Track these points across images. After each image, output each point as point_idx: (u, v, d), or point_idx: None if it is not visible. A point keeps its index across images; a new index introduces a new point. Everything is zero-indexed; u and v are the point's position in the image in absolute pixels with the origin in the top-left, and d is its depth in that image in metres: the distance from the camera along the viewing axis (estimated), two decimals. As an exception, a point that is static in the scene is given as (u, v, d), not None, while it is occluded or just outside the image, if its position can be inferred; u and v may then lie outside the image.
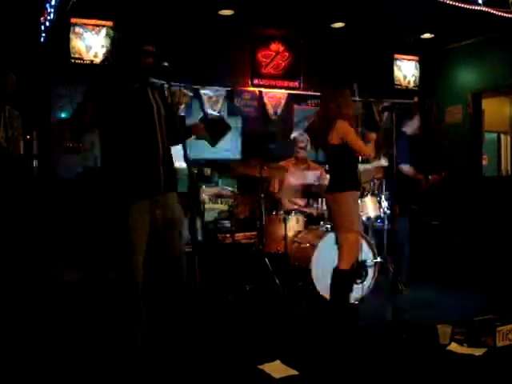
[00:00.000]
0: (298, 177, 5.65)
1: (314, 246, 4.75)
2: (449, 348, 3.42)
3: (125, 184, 3.04)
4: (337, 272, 3.97)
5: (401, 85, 8.22)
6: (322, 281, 4.47)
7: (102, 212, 3.27)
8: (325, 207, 5.13)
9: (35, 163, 5.38)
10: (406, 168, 5.17)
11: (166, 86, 3.09)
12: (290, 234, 5.08)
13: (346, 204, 4.00)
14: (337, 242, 4.09)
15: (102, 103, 3.02)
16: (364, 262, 4.69)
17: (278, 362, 3.17)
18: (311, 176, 5.67)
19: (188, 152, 2.90)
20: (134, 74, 3.09)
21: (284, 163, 5.67)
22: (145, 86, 3.10)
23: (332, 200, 4.13)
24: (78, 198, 5.93)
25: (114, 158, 3.08)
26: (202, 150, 6.80)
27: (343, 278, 3.95)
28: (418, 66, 8.35)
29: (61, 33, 6.19)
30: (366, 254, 4.76)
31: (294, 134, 6.02)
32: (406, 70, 8.28)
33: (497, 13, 6.08)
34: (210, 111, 6.96)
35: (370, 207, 5.07)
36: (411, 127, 5.39)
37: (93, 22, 6.33)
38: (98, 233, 5.26)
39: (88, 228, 5.67)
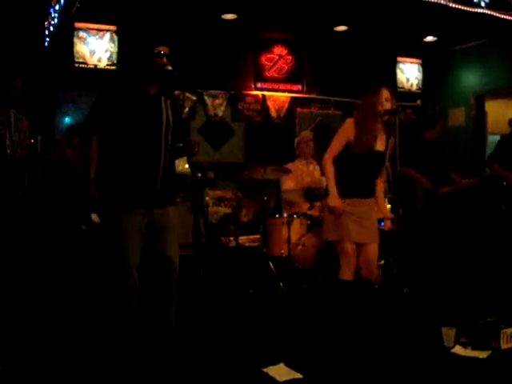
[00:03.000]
0: (307, 176, 5.67)
1: (317, 249, 4.75)
2: (453, 351, 3.41)
3: (120, 191, 3.04)
4: (336, 282, 3.86)
5: (404, 88, 8.23)
6: (326, 284, 4.48)
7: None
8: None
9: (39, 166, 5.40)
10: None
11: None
12: (294, 237, 5.08)
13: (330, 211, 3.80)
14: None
15: (112, 109, 3.01)
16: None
17: (282, 365, 3.16)
18: (319, 174, 5.72)
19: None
20: (147, 78, 3.06)
21: (291, 165, 5.65)
22: (159, 93, 3.06)
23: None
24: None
25: (113, 164, 3.07)
26: (206, 153, 6.89)
27: (341, 287, 3.82)
28: (420, 68, 8.36)
29: (65, 37, 6.23)
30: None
31: (301, 134, 6.00)
32: (409, 73, 8.29)
33: (499, 15, 6.10)
34: (213, 115, 7.01)
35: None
36: (432, 134, 5.30)
37: (96, 26, 6.37)
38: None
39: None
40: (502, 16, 6.12)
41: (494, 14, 6.08)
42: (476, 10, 5.99)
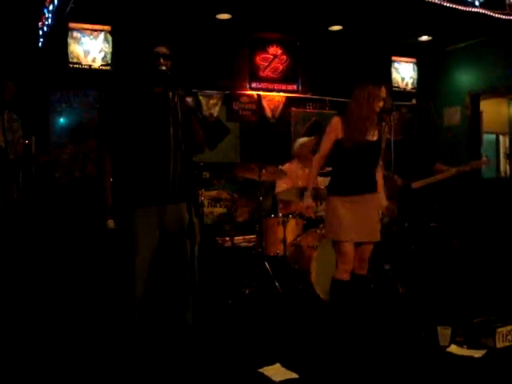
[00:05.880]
0: (302, 180, 5.64)
1: (313, 249, 4.75)
2: (449, 350, 3.41)
3: (132, 189, 3.06)
4: (332, 281, 3.78)
5: (399, 87, 8.24)
6: (322, 283, 4.47)
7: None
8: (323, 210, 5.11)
9: (33, 167, 5.39)
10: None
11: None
12: (290, 236, 5.08)
13: (329, 210, 3.75)
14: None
15: (119, 111, 3.03)
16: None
17: (278, 365, 3.16)
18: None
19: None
20: (150, 78, 3.06)
21: (287, 165, 5.64)
22: (166, 91, 3.02)
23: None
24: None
25: (124, 163, 3.09)
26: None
27: (338, 287, 3.74)
28: (415, 68, 8.38)
29: (59, 38, 6.20)
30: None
31: (302, 140, 5.90)
32: (404, 72, 8.30)
33: (494, 14, 6.12)
34: (208, 115, 7.00)
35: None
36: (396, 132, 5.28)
37: (91, 26, 6.34)
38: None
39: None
40: (497, 15, 6.14)
41: (489, 13, 6.10)
42: (470, 9, 6.01)
